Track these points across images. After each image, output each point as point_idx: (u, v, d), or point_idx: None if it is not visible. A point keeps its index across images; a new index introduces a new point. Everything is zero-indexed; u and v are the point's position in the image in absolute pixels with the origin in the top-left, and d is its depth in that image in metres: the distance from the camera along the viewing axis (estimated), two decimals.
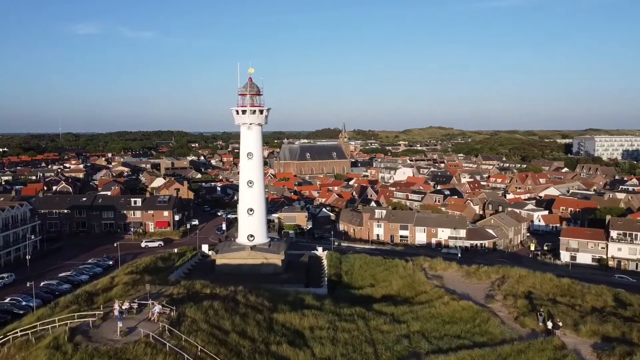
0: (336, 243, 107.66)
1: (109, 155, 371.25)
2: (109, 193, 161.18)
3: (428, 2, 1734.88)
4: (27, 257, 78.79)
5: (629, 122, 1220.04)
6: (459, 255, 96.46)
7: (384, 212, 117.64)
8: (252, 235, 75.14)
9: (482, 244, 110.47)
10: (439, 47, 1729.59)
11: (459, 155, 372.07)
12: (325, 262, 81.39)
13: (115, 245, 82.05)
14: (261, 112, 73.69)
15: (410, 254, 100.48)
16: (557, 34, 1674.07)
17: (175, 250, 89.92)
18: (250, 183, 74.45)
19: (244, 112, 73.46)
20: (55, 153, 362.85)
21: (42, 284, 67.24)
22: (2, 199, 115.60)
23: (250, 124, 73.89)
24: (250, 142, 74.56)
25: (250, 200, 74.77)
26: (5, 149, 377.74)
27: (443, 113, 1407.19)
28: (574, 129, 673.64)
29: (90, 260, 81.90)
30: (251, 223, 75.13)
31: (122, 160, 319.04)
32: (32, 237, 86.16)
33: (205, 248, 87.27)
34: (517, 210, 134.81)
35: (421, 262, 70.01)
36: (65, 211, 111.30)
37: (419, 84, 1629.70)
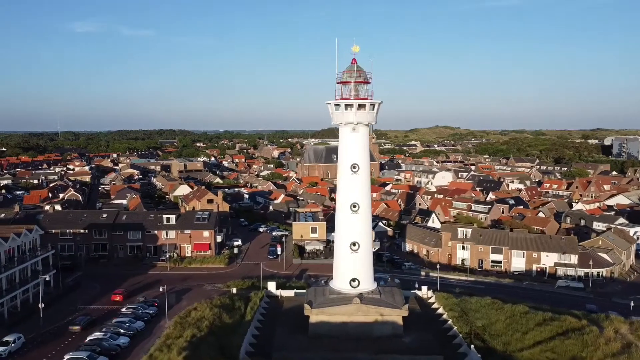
0: (423, 273, 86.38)
1: (114, 155, 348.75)
2: (124, 202, 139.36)
3: (430, 2, 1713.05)
4: (40, 305, 57.32)
5: (635, 122, 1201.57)
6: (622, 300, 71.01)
7: (469, 230, 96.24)
8: (356, 280, 53.68)
9: (599, 272, 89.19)
10: (443, 46, 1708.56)
11: (485, 156, 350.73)
12: (442, 310, 60.11)
13: (161, 289, 59.90)
14: (372, 106, 52.40)
15: (527, 292, 79.30)
16: (559, 33, 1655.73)
17: (234, 290, 68.59)
18: (355, 207, 52.92)
19: (346, 107, 52.13)
20: (57, 153, 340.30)
21: (65, 358, 45.68)
22: (2, 215, 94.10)
23: (357, 123, 52.42)
24: (356, 149, 53.06)
25: (355, 231, 53.27)
26: (4, 149, 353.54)
27: (447, 112, 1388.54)
28: (582, 129, 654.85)
29: (124, 309, 60.05)
30: (355, 263, 53.61)
31: (128, 161, 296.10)
32: (47, 277, 63.89)
33: (272, 286, 66.26)
34: (617, 227, 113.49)
35: (614, 323, 48.72)
36: (82, 231, 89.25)
37: (421, 84, 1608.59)
